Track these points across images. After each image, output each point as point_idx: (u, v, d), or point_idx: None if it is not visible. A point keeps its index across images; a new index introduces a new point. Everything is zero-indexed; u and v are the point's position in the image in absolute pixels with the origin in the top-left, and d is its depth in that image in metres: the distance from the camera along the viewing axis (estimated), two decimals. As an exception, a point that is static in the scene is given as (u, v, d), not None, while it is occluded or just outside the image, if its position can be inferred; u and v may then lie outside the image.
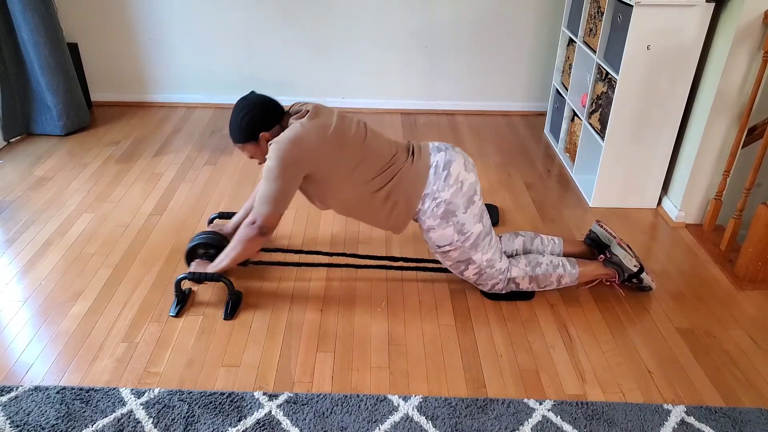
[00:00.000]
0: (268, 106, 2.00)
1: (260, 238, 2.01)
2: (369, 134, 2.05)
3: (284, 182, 1.93)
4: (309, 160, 1.93)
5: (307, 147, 1.92)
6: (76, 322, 2.09)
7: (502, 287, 2.19)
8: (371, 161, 2.00)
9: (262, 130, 1.98)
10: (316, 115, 1.97)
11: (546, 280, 2.20)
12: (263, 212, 1.97)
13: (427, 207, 2.03)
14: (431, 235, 2.08)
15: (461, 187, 2.03)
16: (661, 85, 2.63)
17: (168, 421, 1.72)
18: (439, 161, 2.04)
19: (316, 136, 1.93)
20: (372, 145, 2.02)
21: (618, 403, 1.82)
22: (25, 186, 2.98)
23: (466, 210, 2.04)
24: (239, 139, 2.02)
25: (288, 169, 1.92)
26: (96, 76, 3.94)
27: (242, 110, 1.98)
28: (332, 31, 3.82)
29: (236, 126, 2.00)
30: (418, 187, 2.02)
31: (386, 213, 2.06)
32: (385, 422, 1.73)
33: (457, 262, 2.13)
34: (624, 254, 2.23)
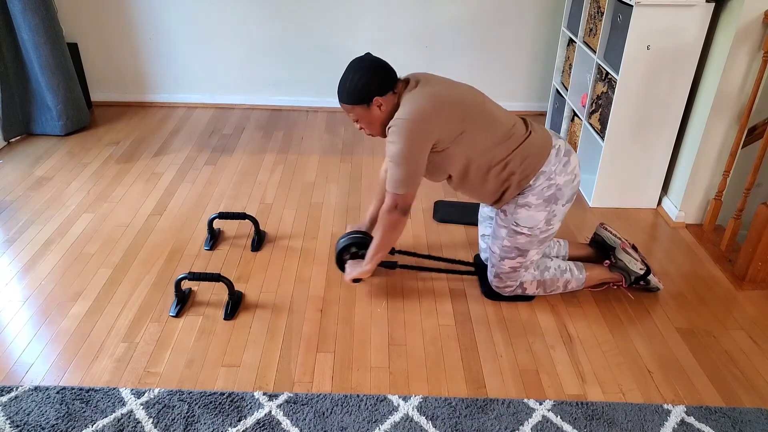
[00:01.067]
0: (385, 71, 1.93)
1: (404, 219, 2.00)
2: (487, 100, 2.00)
3: (413, 161, 1.89)
4: (431, 133, 1.88)
5: (427, 120, 1.86)
6: (76, 322, 2.09)
7: (512, 290, 2.19)
8: (492, 128, 1.94)
9: (377, 95, 1.90)
10: (426, 84, 1.92)
11: (553, 285, 2.20)
12: (401, 194, 1.93)
13: (539, 184, 1.99)
14: (521, 213, 2.02)
15: (573, 179, 2.03)
16: (661, 85, 2.63)
17: (168, 421, 1.72)
18: (561, 146, 2.02)
19: (434, 107, 1.87)
20: (492, 111, 1.96)
21: (618, 403, 1.82)
22: (25, 186, 2.98)
23: (566, 204, 2.04)
24: (352, 101, 1.93)
25: (414, 148, 1.87)
26: (96, 76, 3.94)
27: (359, 71, 1.91)
28: (332, 31, 3.82)
29: (351, 86, 1.91)
30: (538, 161, 1.98)
31: (499, 184, 2.01)
32: (385, 422, 1.73)
33: (515, 248, 2.08)
34: (629, 258, 2.22)
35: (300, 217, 2.76)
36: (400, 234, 2.07)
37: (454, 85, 1.96)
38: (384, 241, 2.06)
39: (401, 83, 1.96)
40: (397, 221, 1.99)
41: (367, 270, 2.13)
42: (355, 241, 2.26)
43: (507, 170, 1.97)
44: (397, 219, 1.99)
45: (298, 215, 2.78)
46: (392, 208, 1.96)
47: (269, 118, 3.90)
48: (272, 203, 2.88)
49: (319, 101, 4.05)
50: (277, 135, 3.65)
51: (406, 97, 1.91)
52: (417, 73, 2.00)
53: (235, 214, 2.54)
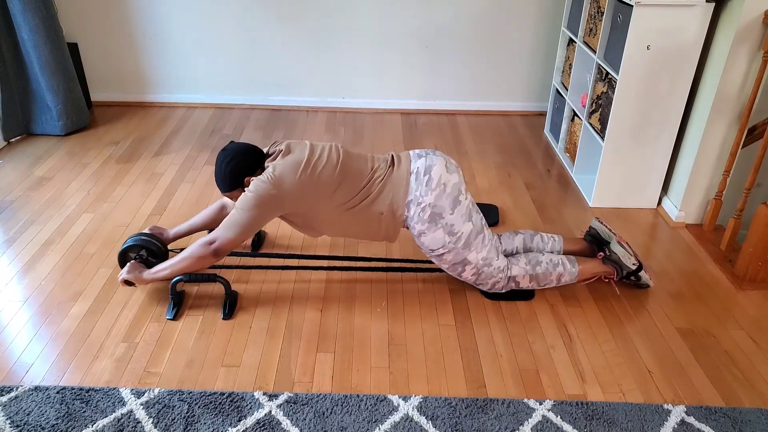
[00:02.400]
0: (249, 152, 2.07)
1: (212, 259, 2.04)
2: (343, 157, 2.08)
3: (257, 215, 2.00)
4: (287, 200, 2.01)
5: (284, 187, 1.98)
6: (76, 322, 2.09)
7: (503, 286, 2.19)
8: (349, 182, 2.05)
9: (247, 175, 2.04)
10: (288, 152, 2.05)
11: (546, 278, 2.20)
12: (226, 236, 2.00)
13: (413, 213, 2.05)
14: (423, 240, 2.10)
15: (444, 189, 2.05)
16: (661, 85, 2.63)
17: (168, 421, 1.72)
18: (420, 167, 2.07)
19: (292, 175, 1.98)
20: (348, 166, 2.06)
21: (618, 403, 1.82)
22: (25, 186, 2.98)
23: (453, 211, 2.05)
24: (226, 188, 2.07)
25: (263, 205, 1.99)
26: (96, 76, 3.94)
27: (224, 160, 2.04)
28: (332, 31, 3.82)
29: (221, 175, 2.05)
30: (400, 195, 2.05)
31: (375, 226, 2.10)
32: (385, 422, 1.73)
33: (453, 265, 2.14)
34: (623, 252, 2.23)
35: (300, 217, 2.76)
36: (198, 269, 2.11)
37: (313, 150, 2.05)
38: (181, 266, 2.06)
39: (269, 157, 2.09)
40: (205, 256, 2.03)
41: (144, 281, 2.11)
42: (147, 245, 2.22)
43: (375, 212, 2.06)
44: (207, 255, 2.03)
45: (298, 215, 2.78)
46: (209, 243, 2.01)
47: (269, 118, 3.90)
48: (272, 203, 2.87)
49: (319, 101, 4.05)
50: (277, 135, 3.65)
51: (269, 166, 2.03)
52: (284, 142, 2.11)
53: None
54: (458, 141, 3.63)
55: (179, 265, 2.06)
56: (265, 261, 2.44)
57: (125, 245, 2.23)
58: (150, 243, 2.23)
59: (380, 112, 4.05)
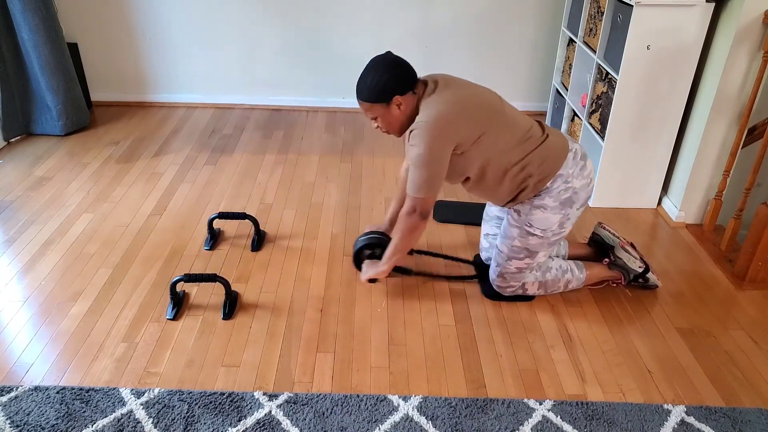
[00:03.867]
0: (406, 70, 1.93)
1: (423, 223, 2.00)
2: (505, 102, 2.01)
3: (435, 165, 1.89)
4: (452, 137, 1.88)
5: (449, 124, 1.86)
6: (76, 322, 2.09)
7: (513, 291, 2.19)
8: (511, 130, 1.94)
9: (397, 94, 1.90)
10: (447, 87, 1.92)
11: (554, 285, 2.20)
12: (421, 197, 1.93)
13: (556, 187, 1.99)
14: (536, 215, 2.02)
15: (588, 183, 2.03)
16: (661, 85, 2.63)
17: (168, 421, 1.72)
18: (578, 150, 2.03)
19: (456, 110, 1.87)
20: (510, 114, 1.97)
21: (618, 403, 1.82)
22: (25, 186, 2.98)
23: (580, 207, 2.05)
24: (371, 98, 1.92)
25: (436, 152, 1.87)
26: (96, 76, 3.94)
27: (379, 69, 1.90)
28: (332, 31, 3.82)
29: (371, 84, 1.90)
30: (555, 164, 1.98)
31: (516, 185, 2.00)
32: (385, 422, 1.73)
33: (525, 248, 2.08)
34: (628, 256, 2.23)
35: (300, 217, 2.76)
36: (418, 237, 2.07)
37: (474, 88, 1.96)
38: (402, 244, 2.06)
39: (421, 84, 1.95)
40: (416, 225, 1.99)
41: (383, 271, 2.13)
42: (374, 241, 2.25)
43: (524, 172, 1.97)
44: (417, 222, 1.98)
45: (298, 215, 2.78)
46: (412, 211, 1.97)
47: (269, 118, 3.90)
48: (272, 203, 2.88)
49: (319, 101, 4.05)
50: (277, 135, 3.65)
51: (426, 100, 1.91)
52: (436, 74, 1.99)
53: (235, 214, 2.54)
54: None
55: (401, 244, 2.05)
56: (265, 260, 2.44)
57: (357, 248, 2.26)
58: (379, 239, 2.25)
59: (380, 112, 4.04)
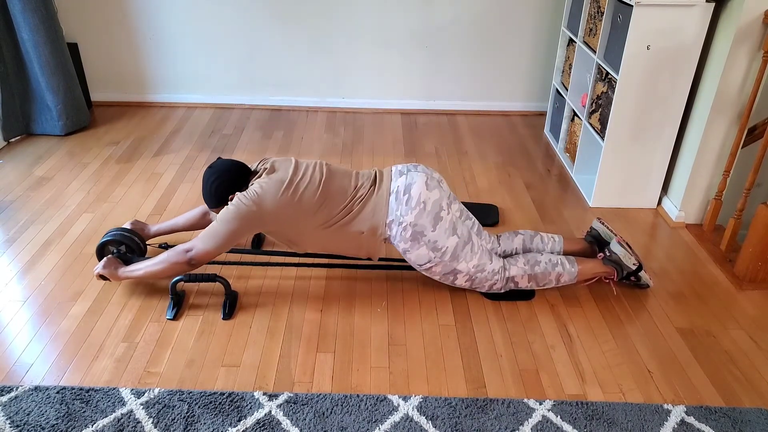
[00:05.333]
0: (235, 170, 2.10)
1: (187, 268, 2.07)
2: (326, 176, 2.10)
3: (236, 228, 2.02)
4: (267, 217, 2.03)
5: (265, 206, 2.01)
6: (76, 322, 2.09)
7: (501, 286, 2.19)
8: (331, 202, 2.07)
9: (231, 193, 2.07)
10: (273, 171, 2.08)
11: (545, 278, 2.20)
12: (202, 247, 2.03)
13: (396, 232, 2.07)
14: (409, 257, 2.12)
15: (425, 207, 2.05)
16: (661, 85, 2.63)
17: (168, 421, 1.72)
18: (400, 186, 2.08)
19: (273, 194, 2.02)
20: (330, 186, 2.09)
21: (618, 403, 1.82)
22: (25, 186, 2.98)
23: (435, 227, 2.06)
24: (212, 204, 2.11)
25: (242, 220, 2.01)
26: (96, 76, 3.94)
27: (211, 177, 2.08)
28: (332, 31, 3.82)
29: (207, 192, 2.10)
30: (379, 215, 2.08)
31: (356, 244, 2.13)
32: (385, 422, 1.73)
33: (444, 275, 2.15)
34: (623, 252, 2.23)
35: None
36: (171, 276, 2.11)
37: (297, 170, 2.09)
38: (154, 269, 2.07)
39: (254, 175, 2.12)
40: (180, 263, 2.05)
41: (119, 278, 2.14)
42: (127, 240, 2.24)
43: (355, 231, 2.09)
44: (182, 263, 2.05)
45: (298, 215, 2.78)
46: (186, 250, 2.04)
47: (269, 118, 3.90)
48: (272, 203, 2.87)
49: (319, 101, 4.05)
50: (277, 135, 3.65)
51: (253, 184, 2.06)
52: (270, 159, 2.16)
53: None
54: (458, 141, 3.63)
55: (154, 268, 2.07)
56: (265, 259, 2.44)
57: (104, 239, 2.25)
58: (129, 239, 2.25)
59: (380, 112, 4.05)
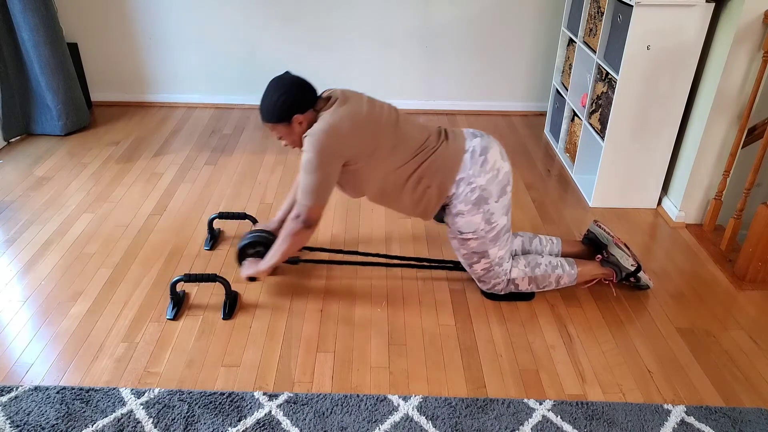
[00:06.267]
0: (304, 89, 1.96)
1: (306, 231, 2.02)
2: (401, 118, 2.04)
3: (323, 173, 1.93)
4: (345, 149, 1.92)
5: (342, 136, 1.91)
6: (76, 322, 2.09)
7: (502, 288, 2.19)
8: (404, 145, 1.99)
9: (296, 113, 1.94)
10: (345, 102, 1.96)
11: (545, 280, 2.20)
12: (306, 205, 1.97)
13: (461, 191, 2.02)
14: (458, 221, 2.06)
15: (497, 175, 2.03)
16: (661, 85, 2.63)
17: (168, 421, 1.72)
18: (476, 146, 2.03)
19: (350, 124, 1.92)
20: (404, 129, 2.01)
21: (618, 403, 1.82)
22: (25, 186, 2.98)
23: (498, 199, 2.04)
24: (272, 119, 1.97)
25: (326, 160, 1.91)
26: (96, 76, 3.94)
27: (278, 90, 1.94)
28: (332, 31, 3.82)
29: (271, 106, 1.95)
30: (452, 171, 2.01)
31: (417, 198, 2.05)
32: (385, 422, 1.73)
33: (473, 253, 2.11)
34: (621, 254, 2.23)
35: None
36: (300, 245, 2.09)
37: (369, 105, 2.00)
38: (282, 248, 2.08)
39: (322, 100, 2.01)
40: (298, 231, 2.02)
41: (262, 270, 2.14)
42: (260, 239, 2.26)
43: (423, 183, 2.02)
44: (300, 229, 2.02)
45: (298, 215, 2.78)
46: (296, 216, 2.01)
47: (269, 118, 3.90)
48: (272, 203, 2.88)
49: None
50: (277, 135, 3.64)
51: (323, 113, 1.96)
52: (338, 89, 2.04)
53: (235, 214, 2.54)
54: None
55: (282, 247, 2.07)
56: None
57: (242, 244, 2.27)
58: (264, 238, 2.26)
59: (380, 112, 4.04)
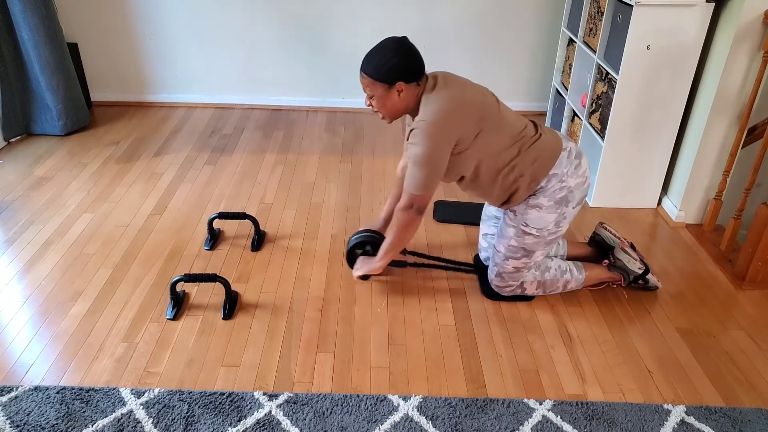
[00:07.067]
0: (416, 60, 1.92)
1: (419, 219, 2.02)
2: (500, 103, 2.02)
3: (433, 165, 1.91)
4: (453, 135, 1.89)
5: (449, 123, 1.87)
6: (76, 322, 2.09)
7: (512, 290, 2.19)
8: (505, 130, 1.96)
9: (402, 80, 1.90)
10: (446, 85, 1.93)
11: (553, 285, 2.20)
12: (419, 195, 1.95)
13: (551, 186, 2.00)
14: (532, 214, 2.03)
15: (584, 182, 2.03)
16: (661, 85, 2.63)
17: (168, 421, 1.72)
18: (572, 148, 2.03)
19: (456, 109, 1.88)
20: (505, 114, 1.99)
21: (618, 403, 1.82)
22: (25, 186, 2.98)
23: (576, 206, 2.05)
24: (377, 76, 1.91)
25: (436, 150, 1.88)
26: (96, 76, 3.94)
27: (394, 51, 1.89)
28: (332, 31, 3.82)
29: (381, 63, 1.89)
30: (548, 163, 1.99)
31: (507, 185, 2.01)
32: (385, 422, 1.73)
33: (521, 248, 2.09)
34: (628, 258, 2.23)
35: (300, 217, 2.76)
36: (413, 233, 2.09)
37: (471, 87, 1.97)
38: (397, 239, 2.08)
39: (424, 78, 1.96)
40: (411, 220, 2.01)
41: (378, 267, 2.15)
42: (367, 239, 2.28)
43: (516, 171, 1.98)
44: (412, 218, 2.01)
45: (298, 215, 2.78)
46: (408, 207, 1.98)
47: (269, 118, 3.90)
48: (272, 203, 2.88)
49: (319, 101, 4.05)
50: (277, 135, 3.65)
51: (426, 97, 1.91)
52: (437, 72, 2.00)
53: (235, 214, 2.54)
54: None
55: (395, 239, 2.07)
56: (265, 260, 2.44)
57: (351, 244, 2.30)
58: (372, 237, 2.28)
59: (380, 112, 4.04)
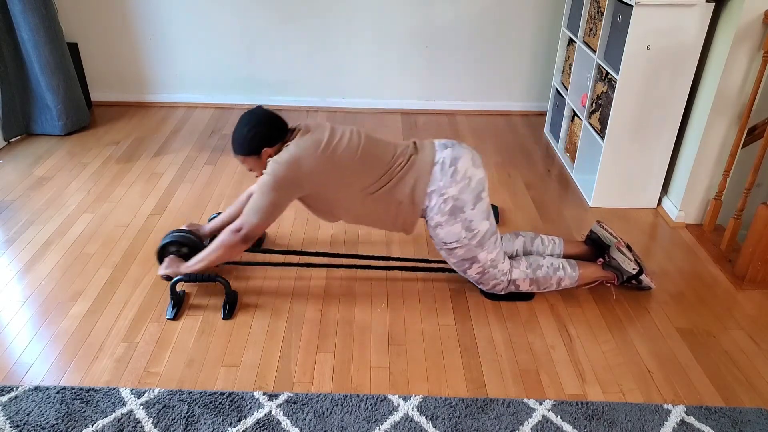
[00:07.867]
0: (275, 124, 2.03)
1: (242, 246, 2.04)
2: (364, 141, 2.05)
3: (277, 198, 1.98)
4: (305, 181, 1.98)
5: (303, 168, 1.96)
6: (76, 322, 2.09)
7: (503, 288, 2.19)
8: (369, 168, 2.02)
9: (266, 146, 2.01)
10: (307, 132, 2.02)
11: (546, 282, 2.20)
12: (251, 222, 2.00)
13: (434, 204, 2.02)
14: (438, 232, 2.07)
15: (469, 183, 2.03)
16: (661, 85, 2.63)
17: (168, 421, 1.72)
18: (446, 157, 2.04)
19: (311, 156, 1.96)
20: (368, 152, 2.03)
21: (618, 403, 1.82)
22: (25, 186, 2.98)
23: (474, 206, 2.04)
24: (242, 152, 2.04)
25: (282, 186, 1.97)
26: (96, 76, 3.94)
27: (248, 124, 2.01)
28: (332, 31, 3.82)
29: (241, 139, 2.02)
30: (422, 184, 2.02)
31: (393, 214, 2.07)
32: (385, 422, 1.73)
33: (462, 260, 2.12)
34: (623, 258, 2.23)
35: (300, 217, 2.76)
36: (229, 258, 2.10)
37: (332, 133, 2.03)
38: (213, 256, 2.07)
39: (291, 132, 2.05)
40: (234, 245, 2.03)
41: (181, 273, 2.14)
42: (188, 242, 2.26)
43: (394, 200, 2.04)
44: (237, 242, 2.02)
45: (298, 215, 2.78)
46: (237, 230, 2.01)
47: (269, 118, 3.90)
48: (272, 203, 2.87)
49: (319, 101, 4.05)
50: (277, 135, 3.64)
51: (288, 144, 2.00)
52: (307, 122, 2.08)
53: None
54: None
55: (212, 255, 2.07)
56: (265, 259, 2.44)
57: (164, 241, 2.26)
58: (188, 239, 2.26)
59: (380, 112, 4.05)
